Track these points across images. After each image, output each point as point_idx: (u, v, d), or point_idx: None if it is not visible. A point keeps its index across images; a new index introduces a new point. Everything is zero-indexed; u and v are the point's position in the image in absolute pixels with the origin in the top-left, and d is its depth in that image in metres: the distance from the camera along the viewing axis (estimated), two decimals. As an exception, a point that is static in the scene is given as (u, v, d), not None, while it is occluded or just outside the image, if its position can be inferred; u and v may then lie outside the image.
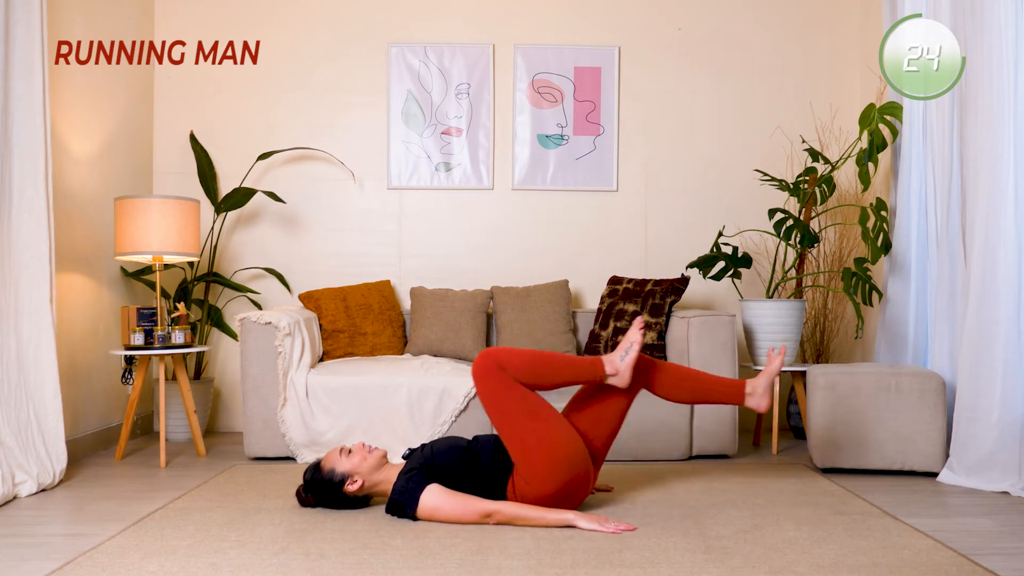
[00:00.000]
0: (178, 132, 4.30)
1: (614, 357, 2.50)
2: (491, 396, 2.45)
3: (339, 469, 2.53)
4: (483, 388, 2.45)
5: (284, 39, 4.35)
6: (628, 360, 2.48)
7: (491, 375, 2.43)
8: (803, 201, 3.89)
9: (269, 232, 4.33)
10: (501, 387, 2.43)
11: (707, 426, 3.44)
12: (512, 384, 2.44)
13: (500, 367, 2.43)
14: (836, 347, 4.29)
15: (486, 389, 2.45)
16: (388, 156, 4.33)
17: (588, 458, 2.48)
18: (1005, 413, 2.87)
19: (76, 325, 3.52)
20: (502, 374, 2.43)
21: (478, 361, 2.46)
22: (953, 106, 3.27)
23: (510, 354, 2.47)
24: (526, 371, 2.45)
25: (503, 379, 2.43)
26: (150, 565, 2.06)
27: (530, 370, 2.46)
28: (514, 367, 2.44)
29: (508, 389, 2.43)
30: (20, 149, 2.97)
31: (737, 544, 2.23)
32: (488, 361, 2.44)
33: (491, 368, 2.43)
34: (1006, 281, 2.89)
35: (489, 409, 2.46)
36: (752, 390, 2.61)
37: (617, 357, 2.50)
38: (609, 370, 2.49)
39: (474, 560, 2.08)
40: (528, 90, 4.33)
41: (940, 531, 2.38)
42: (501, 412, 2.44)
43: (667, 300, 3.74)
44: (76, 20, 3.56)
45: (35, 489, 2.83)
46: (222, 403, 4.32)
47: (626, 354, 2.49)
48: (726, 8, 4.38)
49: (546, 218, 4.36)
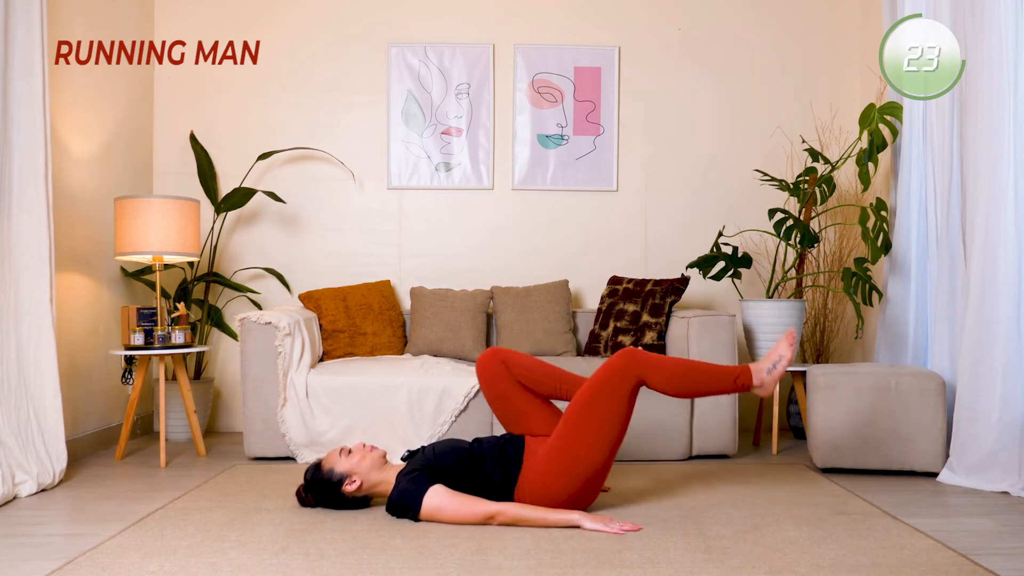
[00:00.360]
0: (178, 132, 4.30)
1: (761, 369, 2.49)
2: (608, 394, 2.44)
3: (338, 469, 2.53)
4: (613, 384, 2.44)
5: (284, 39, 4.35)
6: (775, 374, 2.49)
7: (631, 384, 2.44)
8: (803, 201, 3.89)
9: (269, 232, 4.33)
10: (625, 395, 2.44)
11: (707, 426, 3.44)
12: (634, 397, 2.46)
13: (640, 379, 2.44)
14: (836, 347, 4.29)
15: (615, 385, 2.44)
16: (388, 156, 4.33)
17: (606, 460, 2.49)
18: (1005, 413, 2.87)
19: (76, 325, 3.52)
20: (636, 388, 2.45)
21: (621, 356, 2.45)
22: (953, 106, 3.27)
23: (657, 362, 2.46)
24: (671, 382, 2.45)
25: (634, 388, 2.45)
26: (150, 565, 2.06)
27: (676, 380, 2.46)
28: (657, 379, 2.44)
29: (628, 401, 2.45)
30: (20, 149, 2.97)
31: (737, 544, 2.23)
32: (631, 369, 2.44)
33: (632, 379, 2.44)
34: (1006, 281, 2.89)
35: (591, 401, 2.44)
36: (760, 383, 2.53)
37: (764, 369, 2.49)
38: (756, 381, 2.49)
39: (474, 560, 2.08)
40: (528, 90, 4.33)
41: (940, 531, 2.38)
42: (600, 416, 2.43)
43: (667, 300, 3.74)
44: (76, 20, 3.56)
45: (35, 489, 2.83)
46: (222, 403, 4.32)
47: (774, 367, 2.49)
48: (726, 8, 4.39)
49: (546, 218, 4.36)
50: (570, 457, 2.42)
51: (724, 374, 2.50)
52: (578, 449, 2.42)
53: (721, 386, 2.50)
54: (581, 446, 2.42)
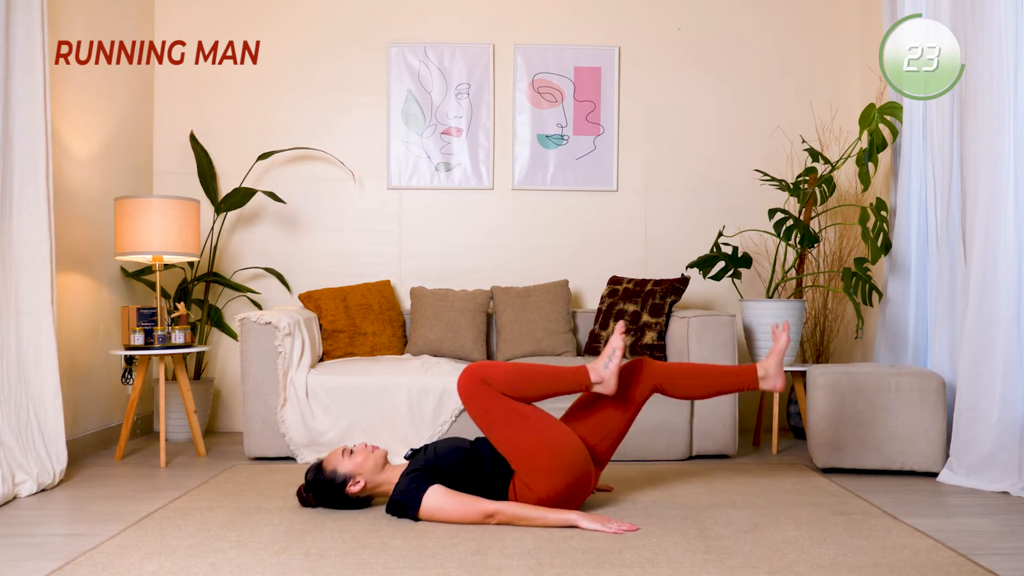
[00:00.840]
0: (178, 132, 4.30)
1: (598, 365, 2.49)
2: (480, 410, 2.44)
3: (341, 470, 2.53)
4: (470, 404, 2.45)
5: (284, 39, 4.35)
6: (612, 367, 2.47)
7: (476, 390, 2.43)
8: (803, 201, 3.89)
9: (269, 232, 4.33)
10: (488, 400, 2.42)
11: (707, 426, 3.44)
12: (498, 396, 2.43)
13: (483, 381, 2.42)
14: (836, 347, 4.29)
15: (473, 404, 2.44)
16: (388, 156, 4.33)
17: (588, 459, 2.48)
18: (1005, 413, 2.87)
19: (76, 325, 3.52)
20: (486, 388, 2.42)
21: (462, 379, 2.45)
22: (953, 106, 3.27)
23: (493, 368, 2.47)
24: (510, 384, 2.44)
25: (488, 392, 2.42)
26: (150, 565, 2.06)
27: (514, 383, 2.45)
28: (497, 380, 2.43)
29: (495, 400, 2.42)
30: (20, 149, 2.97)
31: (737, 544, 2.23)
32: (471, 377, 2.44)
33: (475, 383, 2.43)
34: (1006, 281, 2.89)
35: (481, 423, 2.46)
36: (764, 373, 2.59)
37: (601, 365, 2.48)
38: (594, 378, 2.48)
39: (474, 560, 2.08)
40: (528, 90, 4.33)
41: (940, 531, 2.38)
42: (492, 424, 2.43)
43: (667, 300, 3.74)
44: (76, 20, 3.56)
45: (35, 489, 2.83)
46: (222, 403, 4.32)
47: (609, 361, 2.48)
48: (726, 8, 4.39)
49: (546, 218, 4.36)
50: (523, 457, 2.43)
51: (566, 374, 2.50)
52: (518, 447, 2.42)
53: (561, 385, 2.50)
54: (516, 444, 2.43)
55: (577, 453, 2.44)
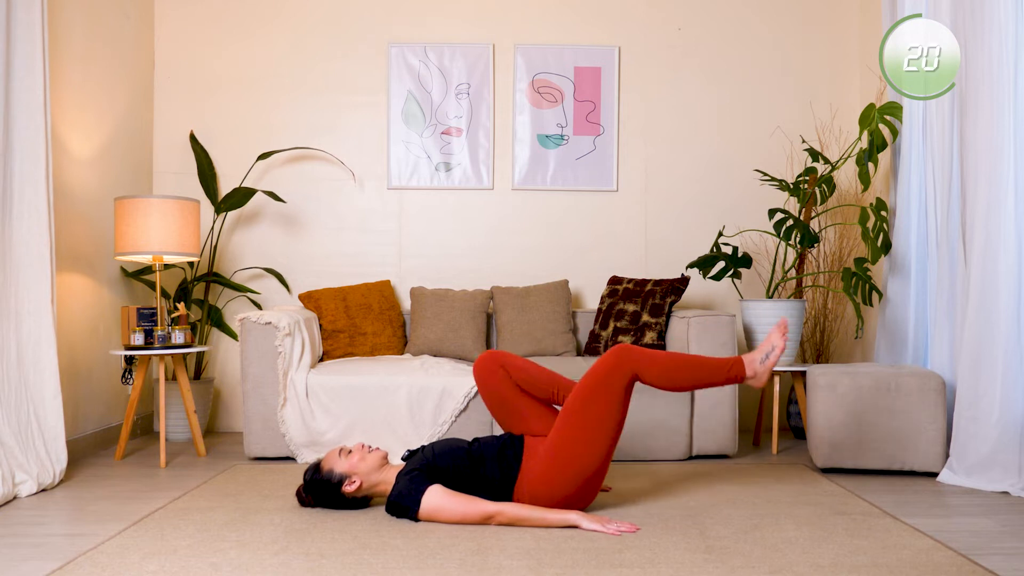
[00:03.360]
0: (178, 132, 4.30)
1: (754, 360, 2.49)
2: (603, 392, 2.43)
3: (337, 469, 2.53)
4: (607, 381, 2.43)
5: (284, 39, 4.35)
6: (768, 364, 2.49)
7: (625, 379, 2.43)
8: (803, 201, 3.89)
9: (269, 232, 4.33)
10: (620, 392, 2.43)
11: (707, 426, 3.44)
12: (629, 393, 2.46)
13: (634, 374, 2.44)
14: (836, 347, 4.29)
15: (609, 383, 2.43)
16: (388, 156, 4.33)
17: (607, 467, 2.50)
18: (1005, 413, 2.87)
19: (76, 325, 3.52)
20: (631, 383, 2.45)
21: (613, 353, 2.45)
22: (953, 106, 3.27)
23: (650, 356, 2.46)
24: (664, 374, 2.45)
25: (629, 384, 2.44)
26: (150, 565, 2.06)
27: (669, 373, 2.46)
28: (651, 373, 2.44)
29: (623, 398, 2.44)
30: (20, 149, 2.97)
31: (737, 544, 2.23)
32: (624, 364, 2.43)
33: (626, 374, 2.43)
34: (1006, 281, 2.89)
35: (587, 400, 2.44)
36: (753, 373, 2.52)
37: (757, 359, 2.50)
38: (749, 372, 2.50)
39: (474, 560, 2.08)
40: (528, 90, 4.33)
41: (940, 531, 2.38)
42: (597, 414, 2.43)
43: (667, 300, 3.74)
44: (76, 20, 3.56)
45: (35, 489, 2.83)
46: (222, 403, 4.32)
47: (766, 357, 2.49)
48: (726, 8, 4.39)
49: (546, 218, 4.36)
50: (569, 456, 2.42)
51: (717, 366, 2.50)
52: (576, 447, 2.42)
53: (715, 378, 2.50)
54: (579, 444, 2.42)
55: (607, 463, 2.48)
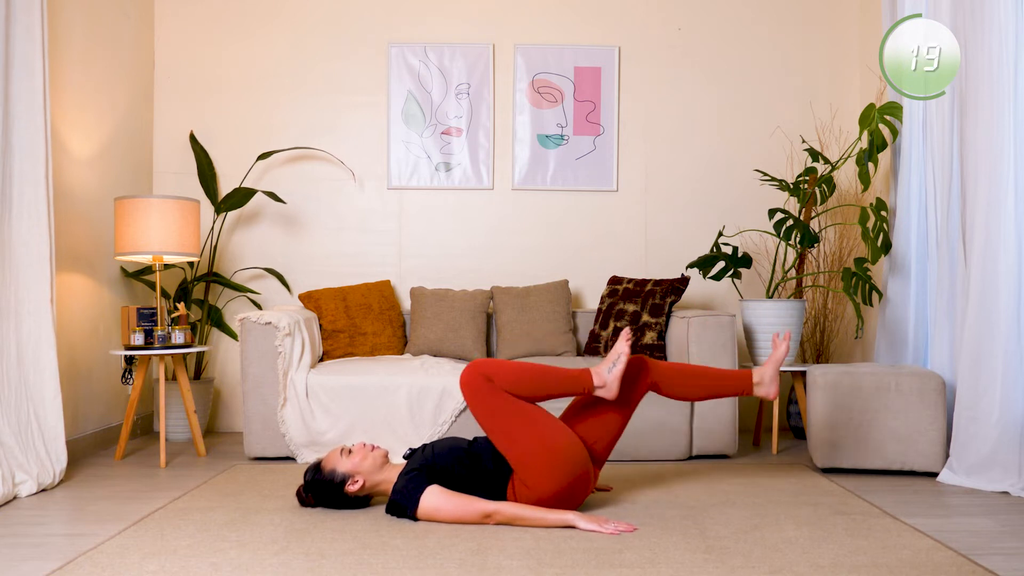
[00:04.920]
0: (178, 132, 4.30)
1: (602, 369, 2.50)
2: (481, 406, 2.44)
3: (340, 469, 2.53)
4: (472, 399, 2.45)
5: (284, 39, 4.35)
6: (616, 372, 2.48)
7: (479, 387, 2.43)
8: (803, 201, 3.89)
9: (269, 232, 4.33)
10: (490, 397, 2.42)
11: (707, 426, 3.44)
12: (500, 393, 2.43)
13: (487, 378, 2.42)
14: (836, 347, 4.29)
15: (475, 400, 2.44)
16: (388, 156, 4.33)
17: (587, 459, 2.48)
18: (1005, 413, 2.87)
19: (76, 325, 3.52)
20: (490, 385, 2.42)
21: (465, 374, 2.45)
22: (953, 106, 3.27)
23: (499, 366, 2.47)
24: (514, 383, 2.44)
25: (491, 389, 2.42)
26: (150, 565, 2.06)
27: (518, 382, 2.45)
28: (501, 379, 2.43)
29: (497, 397, 2.42)
30: (20, 149, 2.97)
31: (737, 544, 2.23)
32: (475, 373, 2.43)
33: (479, 380, 2.42)
34: (1006, 281, 2.89)
35: (481, 419, 2.45)
36: (760, 379, 2.62)
37: (604, 370, 2.50)
38: (597, 382, 2.49)
39: (474, 560, 2.08)
40: (528, 90, 4.33)
41: (940, 531, 2.38)
42: (493, 421, 2.43)
43: (667, 300, 3.74)
44: (76, 20, 3.56)
45: (35, 489, 2.83)
46: (222, 403, 4.32)
47: (613, 366, 2.49)
48: (726, 8, 4.39)
49: (546, 218, 4.35)
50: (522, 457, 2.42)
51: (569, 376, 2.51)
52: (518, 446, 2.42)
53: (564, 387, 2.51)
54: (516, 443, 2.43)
55: (577, 453, 2.44)
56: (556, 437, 2.43)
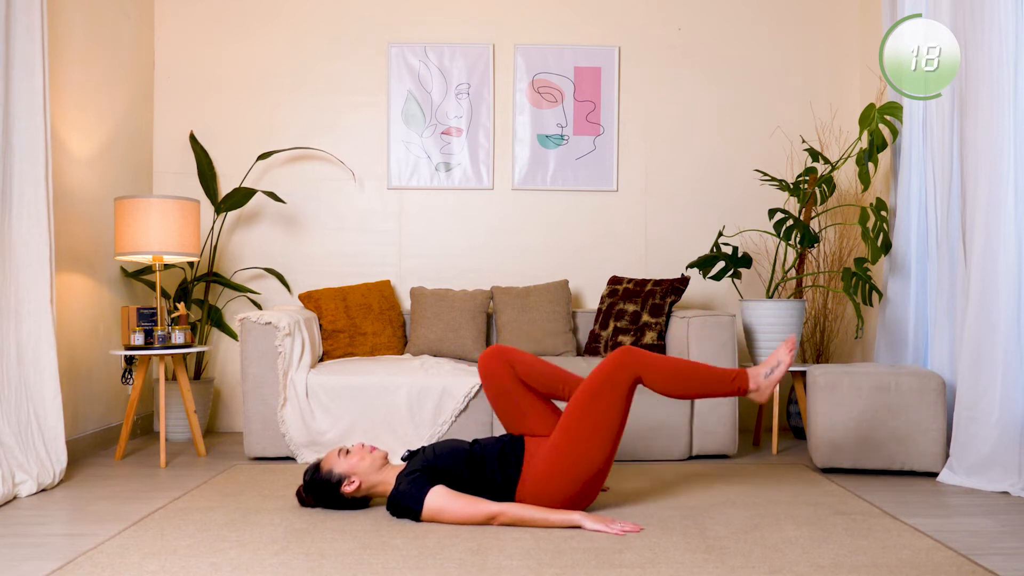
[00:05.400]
0: (178, 132, 4.30)
1: (758, 374, 2.49)
2: (606, 393, 2.42)
3: (337, 470, 2.53)
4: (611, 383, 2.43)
5: (284, 39, 4.35)
6: (773, 378, 2.48)
7: (629, 380, 2.43)
8: (803, 201, 3.89)
9: (269, 232, 4.33)
10: (623, 393, 2.43)
11: (707, 426, 3.44)
12: (631, 395, 2.45)
13: (637, 376, 2.43)
14: (836, 347, 4.29)
15: (613, 384, 2.43)
16: (388, 156, 4.33)
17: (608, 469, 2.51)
18: (1005, 413, 2.87)
19: (76, 325, 3.52)
20: (633, 385, 2.44)
21: (614, 361, 2.43)
22: (953, 106, 3.27)
23: (652, 361, 2.45)
24: (668, 380, 2.45)
25: (631, 386, 2.44)
26: (150, 565, 2.06)
27: (672, 380, 2.45)
28: (653, 377, 2.44)
29: (626, 399, 2.44)
30: (20, 149, 2.97)
31: (737, 544, 2.23)
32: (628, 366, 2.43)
33: (630, 376, 2.43)
34: (1006, 281, 2.89)
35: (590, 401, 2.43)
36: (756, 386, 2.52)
37: (761, 374, 2.49)
38: (752, 385, 2.49)
39: (474, 560, 2.08)
40: (528, 90, 4.33)
41: (940, 531, 2.38)
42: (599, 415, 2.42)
43: (667, 300, 3.74)
44: (76, 20, 3.56)
45: (35, 489, 2.83)
46: (222, 403, 4.32)
47: (771, 372, 2.48)
48: (726, 8, 4.39)
49: (546, 218, 4.36)
50: (571, 456, 2.42)
51: (722, 376, 2.50)
52: (579, 447, 2.42)
53: (718, 388, 2.50)
54: (582, 444, 2.42)
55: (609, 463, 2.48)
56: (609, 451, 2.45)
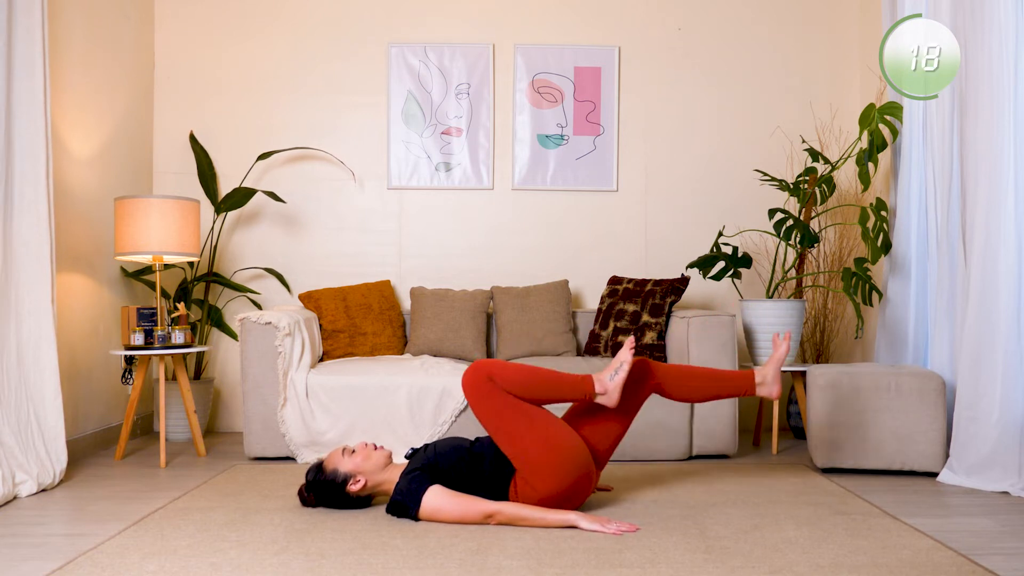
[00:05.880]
0: (178, 132, 4.30)
1: (604, 376, 2.50)
2: (484, 406, 2.44)
3: (342, 469, 2.53)
4: (475, 400, 2.45)
5: (284, 39, 4.35)
6: (617, 380, 2.48)
7: (481, 387, 2.43)
8: (803, 201, 3.89)
9: (269, 232, 4.33)
10: (492, 397, 2.42)
11: (707, 426, 3.44)
12: (503, 394, 2.43)
13: (490, 379, 2.42)
14: (836, 347, 4.29)
15: (477, 400, 2.44)
16: (388, 156, 4.33)
17: (590, 458, 2.48)
18: (1005, 413, 2.87)
19: (76, 325, 3.52)
20: (492, 385, 2.42)
21: (468, 374, 2.45)
22: (953, 106, 3.27)
23: (501, 367, 2.47)
24: (515, 384, 2.44)
25: (493, 389, 2.42)
26: (150, 565, 2.06)
27: (519, 384, 2.45)
28: (503, 379, 2.43)
29: (499, 398, 2.42)
30: (21, 149, 2.97)
31: (737, 544, 2.23)
32: (478, 374, 2.44)
33: (481, 380, 2.43)
34: (1006, 281, 2.89)
35: (484, 419, 2.45)
36: (762, 379, 2.63)
37: (607, 377, 2.49)
38: (598, 389, 2.49)
39: (474, 560, 2.08)
40: (528, 90, 4.33)
41: (940, 531, 2.38)
42: (496, 421, 2.43)
43: (667, 300, 3.74)
44: (76, 20, 3.56)
45: (35, 489, 2.83)
46: (222, 403, 4.32)
47: (615, 374, 2.49)
48: (726, 8, 4.39)
49: (546, 218, 4.36)
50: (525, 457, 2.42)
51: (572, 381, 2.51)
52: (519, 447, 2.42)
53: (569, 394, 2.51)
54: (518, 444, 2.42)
55: (579, 453, 2.44)
56: (559, 436, 2.43)
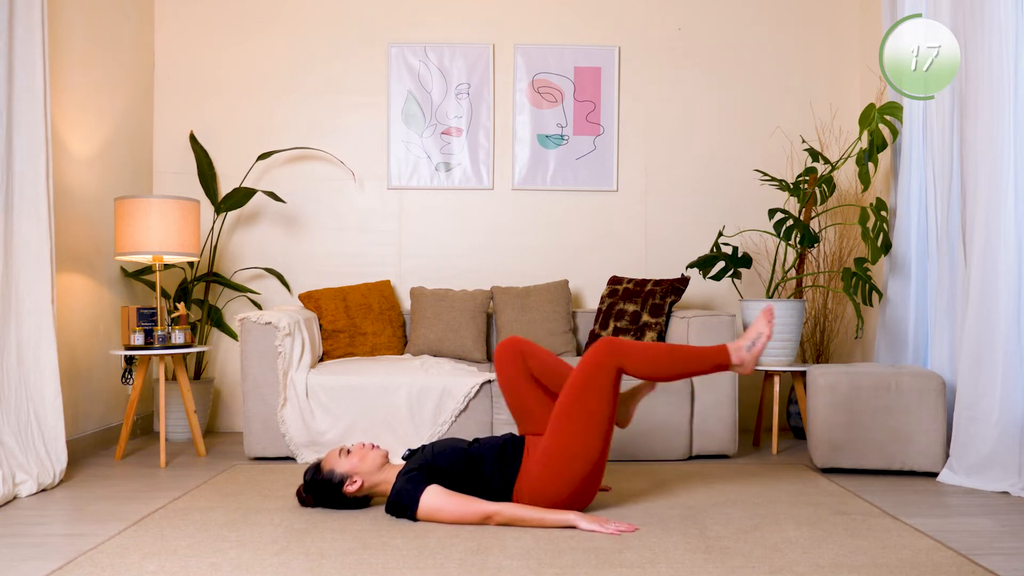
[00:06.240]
0: (178, 132, 4.30)
1: (740, 348, 2.44)
2: (592, 388, 2.40)
3: (339, 469, 2.53)
4: (595, 376, 2.40)
5: (284, 39, 4.35)
6: (755, 351, 2.44)
7: (612, 372, 2.39)
8: (803, 201, 3.89)
9: (269, 232, 4.33)
10: (609, 386, 2.40)
11: (707, 426, 3.44)
12: (618, 387, 2.42)
13: (619, 367, 2.40)
14: (836, 347, 4.29)
15: (597, 377, 2.40)
16: (388, 156, 4.33)
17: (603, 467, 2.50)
18: (1005, 413, 2.87)
19: (76, 325, 3.52)
20: (618, 375, 2.40)
21: (597, 353, 2.41)
22: (953, 106, 3.27)
23: (631, 348, 2.42)
24: (648, 365, 2.42)
25: (616, 377, 2.41)
26: (150, 565, 2.06)
27: (653, 364, 2.42)
28: (634, 363, 2.40)
29: (613, 391, 2.41)
30: (21, 149, 2.97)
31: (737, 544, 2.23)
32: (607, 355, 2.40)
33: (612, 367, 2.39)
34: (1006, 281, 2.89)
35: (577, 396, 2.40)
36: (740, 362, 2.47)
37: (743, 348, 2.44)
38: (735, 360, 2.44)
39: (474, 560, 2.08)
40: (528, 90, 4.33)
41: (940, 531, 2.38)
42: (588, 410, 2.40)
43: (667, 300, 3.74)
44: (76, 20, 3.56)
45: (35, 489, 2.83)
46: (222, 403, 4.32)
47: (752, 344, 2.44)
48: (726, 8, 4.39)
49: (546, 218, 4.36)
50: (564, 455, 2.41)
51: (703, 355, 2.46)
52: (571, 446, 2.41)
53: (700, 366, 2.46)
54: (573, 442, 2.41)
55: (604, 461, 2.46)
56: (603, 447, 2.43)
